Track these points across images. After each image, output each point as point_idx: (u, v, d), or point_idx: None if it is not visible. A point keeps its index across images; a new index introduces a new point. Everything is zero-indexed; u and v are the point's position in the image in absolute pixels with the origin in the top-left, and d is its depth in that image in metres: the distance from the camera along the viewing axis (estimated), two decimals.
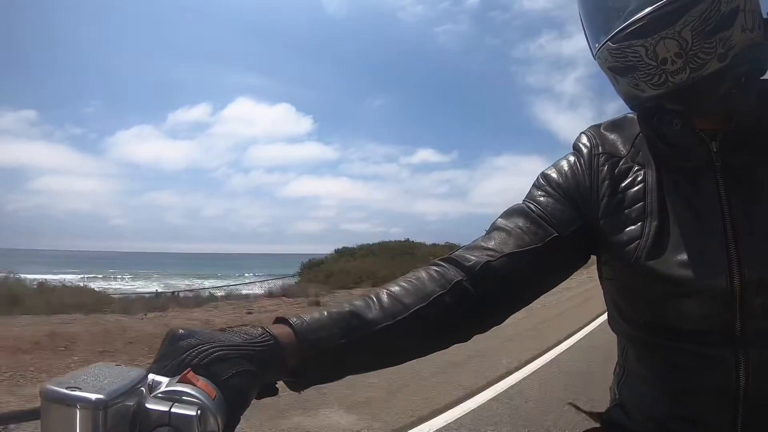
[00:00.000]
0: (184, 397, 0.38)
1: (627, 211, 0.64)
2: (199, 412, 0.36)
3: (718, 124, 0.61)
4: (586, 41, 0.67)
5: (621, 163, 0.68)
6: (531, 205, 0.68)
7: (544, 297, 0.72)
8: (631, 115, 0.71)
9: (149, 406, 0.37)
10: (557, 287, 0.70)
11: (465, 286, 0.61)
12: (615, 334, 0.73)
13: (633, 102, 0.66)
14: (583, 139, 0.72)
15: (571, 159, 0.71)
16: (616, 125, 0.72)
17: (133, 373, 0.38)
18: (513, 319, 0.68)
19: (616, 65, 0.62)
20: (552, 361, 4.84)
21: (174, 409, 0.36)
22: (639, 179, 0.65)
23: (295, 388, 0.53)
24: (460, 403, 3.60)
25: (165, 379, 0.39)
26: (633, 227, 0.63)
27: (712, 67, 0.56)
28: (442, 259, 0.65)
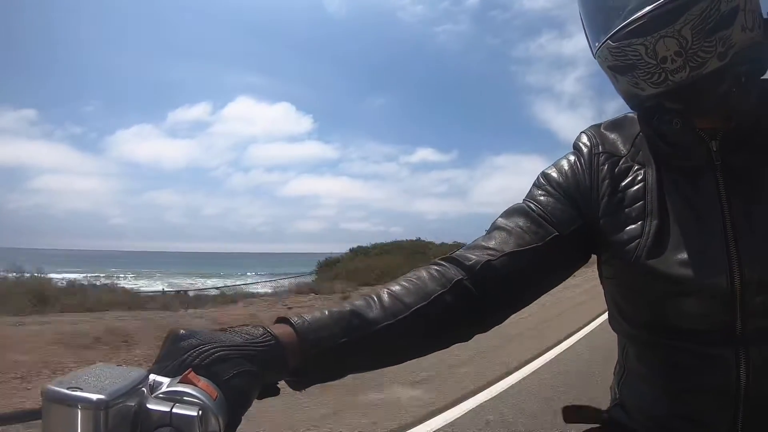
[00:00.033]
0: (185, 398, 0.38)
1: (627, 210, 0.64)
2: (200, 412, 0.36)
3: (718, 124, 0.61)
4: (587, 40, 0.67)
5: (621, 162, 0.68)
6: (531, 205, 0.68)
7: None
8: (631, 115, 0.71)
9: (150, 406, 0.37)
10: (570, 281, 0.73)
11: (466, 285, 0.61)
12: (615, 333, 0.73)
13: (633, 101, 0.66)
14: (584, 139, 0.72)
15: (572, 158, 0.71)
16: (616, 125, 0.72)
17: (134, 373, 0.38)
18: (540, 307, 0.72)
19: (616, 64, 0.62)
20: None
21: (175, 410, 0.36)
22: (639, 178, 0.65)
23: (296, 387, 0.53)
24: (508, 376, 4.19)
25: (166, 380, 0.39)
26: (633, 226, 0.63)
27: (712, 66, 0.56)
28: (443, 259, 0.65)
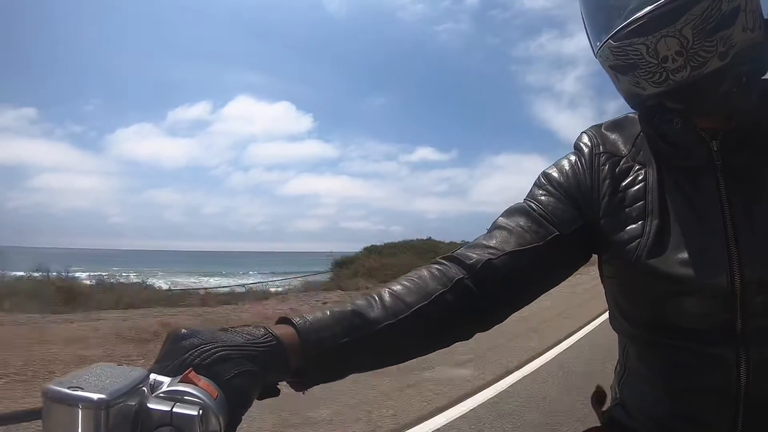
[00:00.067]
0: (186, 397, 0.38)
1: (628, 210, 0.64)
2: (200, 411, 0.36)
3: (718, 124, 0.61)
4: (588, 40, 0.67)
5: (622, 162, 0.68)
6: (532, 204, 0.68)
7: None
8: (632, 115, 0.71)
9: (151, 405, 0.37)
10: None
11: (466, 284, 0.61)
12: (616, 333, 0.73)
13: (634, 100, 0.66)
14: (584, 139, 0.72)
15: (572, 158, 0.71)
16: (617, 125, 0.72)
17: (134, 372, 0.38)
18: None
19: (617, 63, 0.62)
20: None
21: (176, 409, 0.36)
22: (640, 178, 0.65)
23: (298, 387, 0.53)
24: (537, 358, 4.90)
25: (167, 379, 0.39)
26: (634, 226, 0.63)
27: (713, 66, 0.56)
28: (444, 258, 0.65)
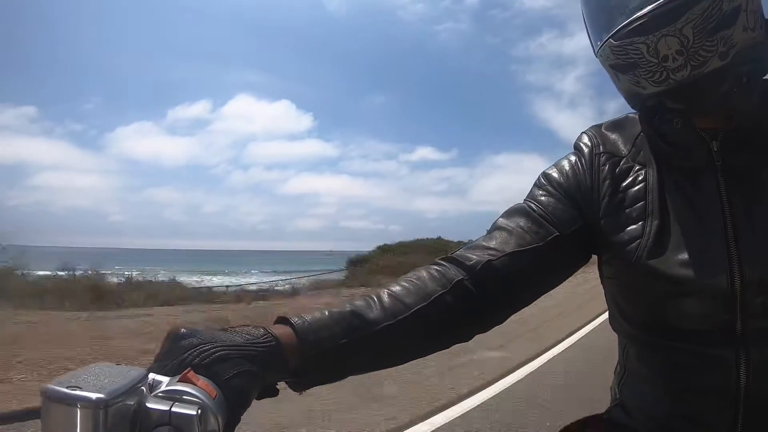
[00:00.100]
0: (184, 397, 0.38)
1: (628, 210, 0.64)
2: (199, 411, 0.36)
3: (719, 124, 0.61)
4: (589, 39, 0.67)
5: (622, 162, 0.68)
6: (532, 205, 0.68)
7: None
8: (632, 115, 0.71)
9: (150, 405, 0.37)
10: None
11: (466, 286, 0.61)
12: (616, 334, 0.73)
13: (634, 100, 0.65)
14: (584, 139, 0.72)
15: (572, 159, 0.71)
16: (617, 125, 0.72)
17: (133, 372, 0.38)
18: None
19: (618, 62, 0.62)
20: None
21: (174, 409, 0.36)
22: (640, 179, 0.65)
23: (296, 388, 0.53)
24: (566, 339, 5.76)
25: (165, 379, 0.39)
26: (634, 226, 0.63)
27: (713, 65, 0.56)
28: (443, 259, 0.65)
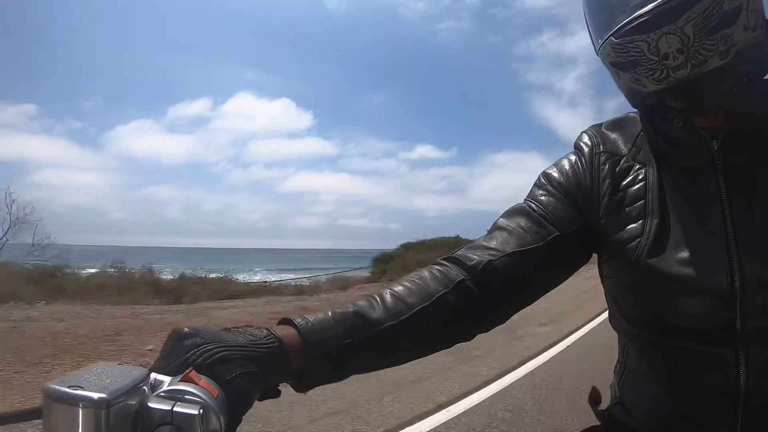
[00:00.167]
0: (186, 396, 0.38)
1: (628, 209, 0.64)
2: (201, 411, 0.36)
3: (719, 123, 0.61)
4: (590, 37, 0.67)
5: (622, 161, 0.68)
6: (532, 205, 0.68)
7: None
8: (632, 115, 0.71)
9: (151, 405, 0.37)
10: None
11: (468, 286, 0.61)
12: (616, 332, 0.73)
13: (634, 98, 0.65)
14: (584, 138, 0.72)
15: (572, 158, 0.71)
16: (617, 124, 0.72)
17: (135, 372, 0.38)
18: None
19: (619, 60, 0.62)
20: None
21: (176, 408, 0.36)
22: (640, 177, 0.65)
23: (299, 389, 0.53)
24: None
25: (167, 378, 0.39)
26: (634, 225, 0.63)
27: (714, 64, 0.56)
28: (445, 259, 0.65)
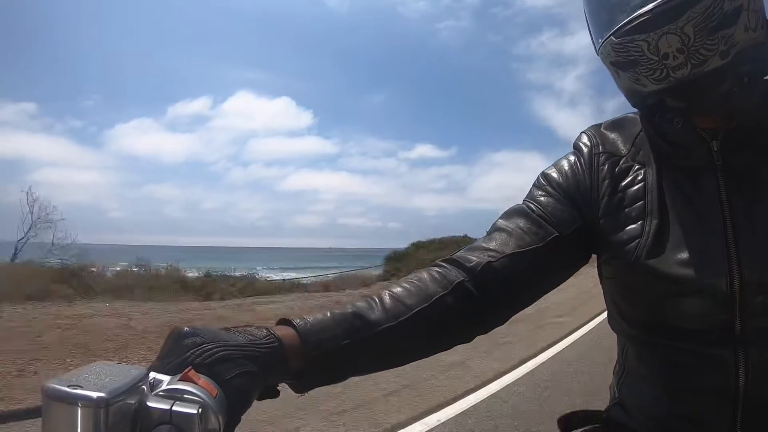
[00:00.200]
0: (185, 396, 0.38)
1: (627, 209, 0.64)
2: (200, 410, 0.36)
3: (719, 123, 0.61)
4: (590, 37, 0.66)
5: (621, 162, 0.68)
6: (531, 205, 0.68)
7: None
8: (631, 115, 0.71)
9: (150, 404, 0.37)
10: None
11: (467, 287, 0.61)
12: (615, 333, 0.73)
13: (634, 98, 0.65)
14: (584, 139, 0.72)
15: (572, 158, 0.71)
16: (616, 124, 0.72)
17: (134, 371, 0.38)
18: None
19: (619, 60, 0.61)
20: None
21: (175, 408, 0.36)
22: (639, 178, 0.65)
23: (298, 389, 0.53)
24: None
25: (166, 378, 0.39)
26: (633, 226, 0.63)
27: (714, 64, 0.56)
28: (444, 260, 0.65)
